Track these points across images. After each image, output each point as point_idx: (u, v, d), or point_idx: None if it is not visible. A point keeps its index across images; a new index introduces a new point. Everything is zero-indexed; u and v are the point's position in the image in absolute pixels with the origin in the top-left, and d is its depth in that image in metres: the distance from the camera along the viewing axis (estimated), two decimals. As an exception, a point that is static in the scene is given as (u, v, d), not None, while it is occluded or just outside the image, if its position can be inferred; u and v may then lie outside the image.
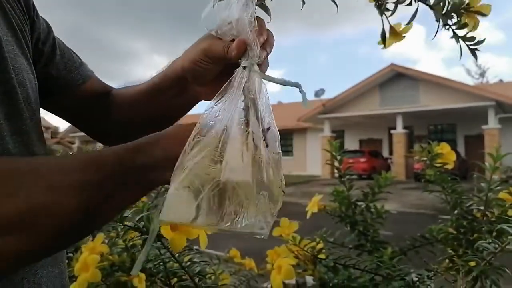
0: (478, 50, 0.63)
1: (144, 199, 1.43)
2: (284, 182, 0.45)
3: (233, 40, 0.46)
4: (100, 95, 0.65)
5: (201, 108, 0.48)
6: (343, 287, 0.77)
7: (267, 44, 0.47)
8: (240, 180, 0.39)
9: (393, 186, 1.16)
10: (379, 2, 0.60)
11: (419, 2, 0.60)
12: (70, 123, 0.67)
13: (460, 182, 1.03)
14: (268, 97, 0.46)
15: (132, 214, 0.66)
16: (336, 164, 1.12)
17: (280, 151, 0.45)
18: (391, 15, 0.62)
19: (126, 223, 0.66)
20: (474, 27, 0.60)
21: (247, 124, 0.42)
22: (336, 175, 1.17)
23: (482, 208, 0.93)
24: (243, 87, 0.43)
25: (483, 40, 0.64)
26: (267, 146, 0.43)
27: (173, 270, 0.76)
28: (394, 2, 0.60)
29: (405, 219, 7.02)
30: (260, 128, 0.42)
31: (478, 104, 15.51)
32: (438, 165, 1.04)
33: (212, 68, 0.50)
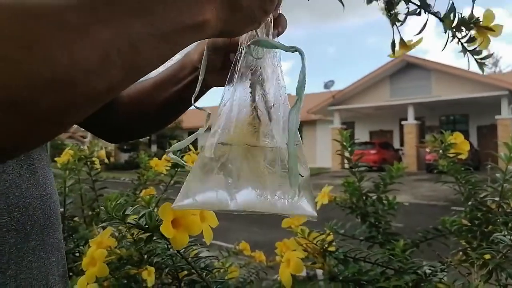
0: (485, 64, 0.65)
1: (152, 191, 1.43)
2: (302, 158, 0.43)
3: None
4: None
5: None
6: (354, 281, 0.75)
7: (278, 23, 0.48)
8: (235, 143, 0.40)
9: (404, 177, 1.13)
10: (390, 13, 0.63)
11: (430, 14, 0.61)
12: (83, 127, 0.66)
13: (474, 172, 1.00)
14: (280, 74, 0.46)
15: (133, 211, 0.65)
16: (347, 154, 1.10)
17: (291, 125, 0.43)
18: (401, 25, 0.66)
19: (128, 220, 0.65)
20: (484, 43, 0.61)
21: (253, 100, 0.44)
22: (346, 166, 1.15)
23: (497, 199, 0.90)
24: (247, 66, 0.45)
25: (491, 55, 0.66)
26: (270, 120, 0.44)
27: (181, 265, 0.76)
28: (405, 14, 0.63)
29: (416, 210, 6.96)
30: (264, 104, 0.44)
31: (490, 93, 15.23)
32: (451, 155, 1.01)
33: (219, 58, 0.53)
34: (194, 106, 0.52)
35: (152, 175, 1.56)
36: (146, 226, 0.62)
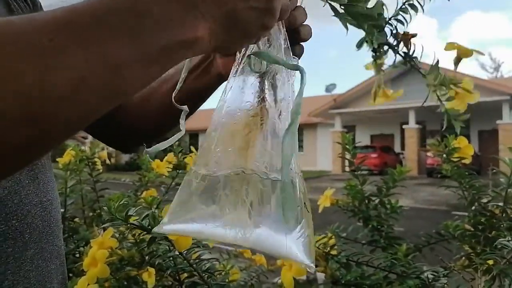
0: (463, 125, 0.71)
1: (153, 192, 1.43)
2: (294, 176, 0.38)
3: None
4: None
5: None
6: (356, 285, 0.74)
7: (300, 30, 0.45)
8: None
9: (405, 181, 1.13)
10: (376, 62, 0.67)
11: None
12: (88, 132, 0.64)
13: (477, 177, 1.00)
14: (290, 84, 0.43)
15: (136, 212, 0.65)
16: (348, 157, 1.09)
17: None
18: (384, 75, 0.75)
19: (130, 220, 0.65)
20: (461, 105, 0.68)
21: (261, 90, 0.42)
22: (347, 169, 1.14)
23: (501, 204, 0.89)
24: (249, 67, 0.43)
25: (467, 117, 0.70)
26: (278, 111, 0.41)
27: (182, 267, 0.75)
28: (390, 65, 0.72)
29: (417, 215, 6.94)
30: (273, 94, 0.42)
31: (492, 98, 15.22)
32: (455, 159, 1.00)
33: None
34: (173, 102, 0.48)
35: (154, 177, 1.55)
36: (149, 227, 0.61)
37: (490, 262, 0.78)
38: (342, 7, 0.58)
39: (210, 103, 0.61)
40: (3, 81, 0.23)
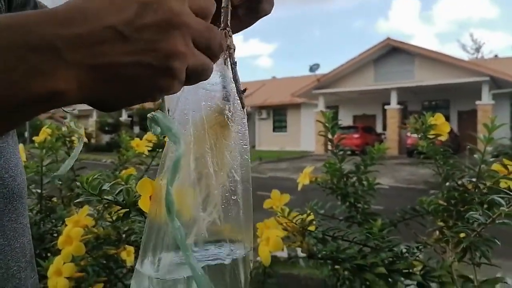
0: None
1: (132, 171, 1.41)
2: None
3: None
4: None
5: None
6: (331, 258, 0.76)
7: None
8: None
9: (385, 161, 1.14)
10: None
11: None
12: None
13: (453, 154, 1.02)
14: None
15: (111, 187, 0.64)
16: (329, 136, 1.10)
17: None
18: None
19: (105, 196, 0.64)
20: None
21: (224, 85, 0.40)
22: (330, 149, 1.15)
23: (474, 180, 0.92)
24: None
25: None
26: (243, 107, 0.40)
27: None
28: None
29: (396, 193, 7.11)
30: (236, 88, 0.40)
31: (472, 79, 15.49)
32: (431, 136, 1.02)
33: None
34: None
35: (132, 155, 1.53)
36: (124, 201, 0.60)
37: (462, 235, 0.80)
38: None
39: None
40: None
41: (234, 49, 0.42)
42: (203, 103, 0.39)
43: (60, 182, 1.44)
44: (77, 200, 0.70)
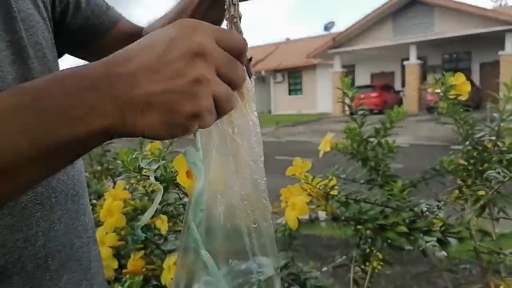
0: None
1: (158, 144, 1.47)
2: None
3: None
4: (131, 36, 0.64)
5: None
6: (354, 220, 0.81)
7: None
8: None
9: (405, 119, 1.15)
10: None
11: None
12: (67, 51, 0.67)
13: (472, 112, 1.02)
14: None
15: (148, 164, 0.69)
16: (348, 102, 1.12)
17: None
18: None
19: (143, 172, 0.69)
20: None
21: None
22: (347, 111, 1.17)
23: (493, 138, 0.93)
24: None
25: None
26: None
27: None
28: None
29: (416, 151, 7.06)
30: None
31: (495, 28, 14.78)
32: (452, 96, 1.02)
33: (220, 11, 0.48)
34: None
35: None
36: (162, 177, 0.66)
37: (480, 193, 0.83)
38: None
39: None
40: None
41: (240, 18, 0.43)
42: None
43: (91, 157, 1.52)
44: (118, 178, 0.76)
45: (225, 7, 0.43)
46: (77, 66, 0.31)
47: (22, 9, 0.45)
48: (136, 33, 0.65)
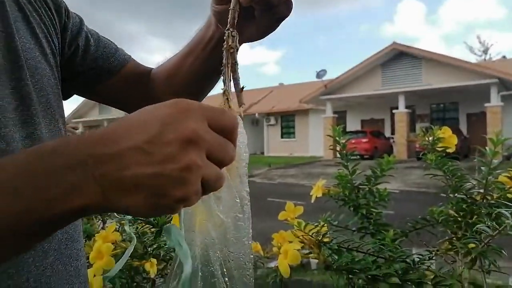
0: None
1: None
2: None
3: None
4: (140, 76, 0.66)
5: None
6: (347, 269, 0.80)
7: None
8: None
9: (394, 166, 1.17)
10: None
11: None
12: (119, 108, 0.69)
13: (460, 164, 1.05)
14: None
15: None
16: (339, 148, 1.14)
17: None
18: None
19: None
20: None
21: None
22: (338, 155, 1.19)
23: (482, 191, 0.95)
24: None
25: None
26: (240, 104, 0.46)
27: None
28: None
29: (407, 198, 7.08)
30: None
31: (480, 81, 15.39)
32: (439, 149, 1.06)
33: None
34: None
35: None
36: (155, 221, 0.66)
37: (471, 245, 0.84)
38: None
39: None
40: None
41: (237, 50, 0.45)
42: None
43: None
44: (112, 221, 0.75)
45: (224, 37, 0.46)
46: (58, 141, 0.31)
47: (30, 57, 0.47)
48: (144, 74, 0.68)
